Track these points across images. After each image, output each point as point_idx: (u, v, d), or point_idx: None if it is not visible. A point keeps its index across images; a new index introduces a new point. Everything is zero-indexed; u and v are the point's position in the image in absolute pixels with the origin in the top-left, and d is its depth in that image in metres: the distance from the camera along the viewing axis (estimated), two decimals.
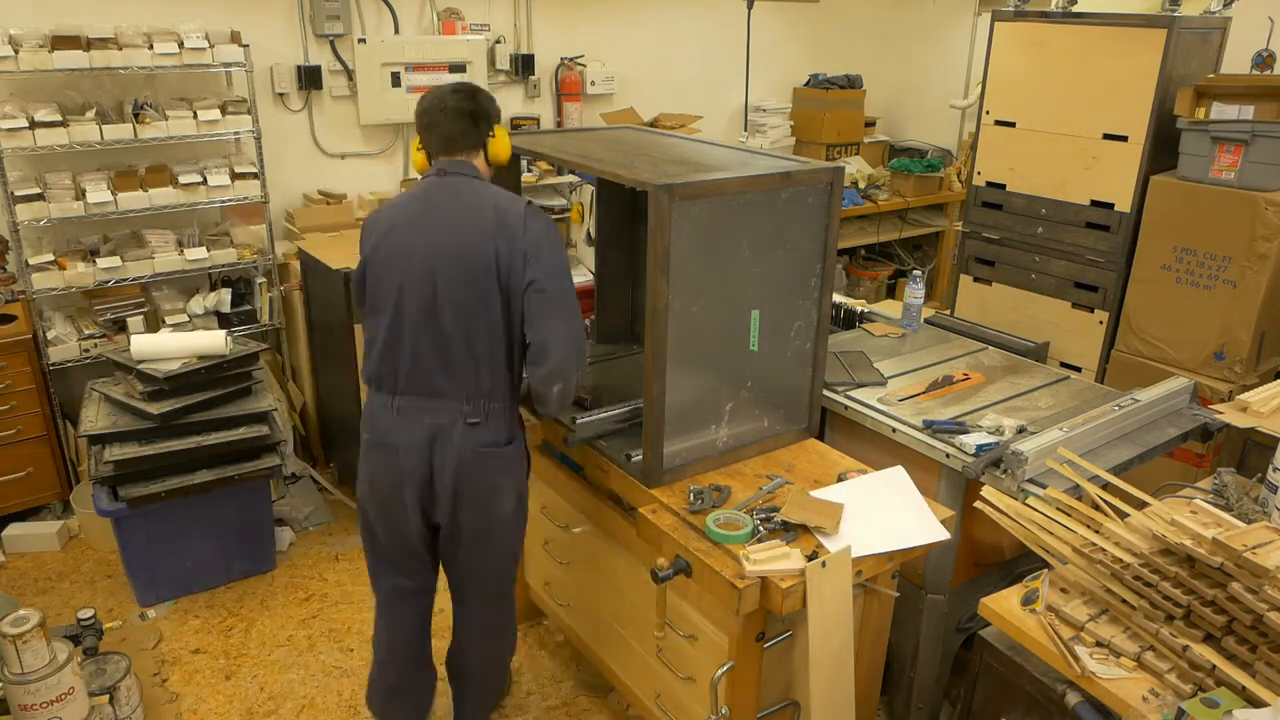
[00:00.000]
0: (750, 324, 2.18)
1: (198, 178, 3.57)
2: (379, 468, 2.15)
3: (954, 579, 2.34)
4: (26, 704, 2.20)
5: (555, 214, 4.42)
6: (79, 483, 3.58)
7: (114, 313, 3.57)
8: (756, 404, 2.27)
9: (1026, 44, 3.61)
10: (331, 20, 3.93)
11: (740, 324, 2.17)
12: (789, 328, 2.27)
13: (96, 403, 3.13)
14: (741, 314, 2.16)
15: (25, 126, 3.20)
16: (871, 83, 5.68)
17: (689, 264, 2.01)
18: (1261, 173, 3.05)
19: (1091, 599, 1.68)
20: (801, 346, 2.31)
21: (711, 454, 2.22)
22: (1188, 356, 3.29)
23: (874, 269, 5.67)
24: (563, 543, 2.64)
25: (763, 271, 2.16)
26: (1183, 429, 2.40)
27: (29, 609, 2.24)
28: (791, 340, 2.29)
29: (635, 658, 2.41)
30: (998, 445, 2.17)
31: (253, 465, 3.13)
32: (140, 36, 3.33)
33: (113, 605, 3.14)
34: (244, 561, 3.29)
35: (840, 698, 1.93)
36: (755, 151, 2.52)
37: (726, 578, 1.79)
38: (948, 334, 3.05)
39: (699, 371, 2.16)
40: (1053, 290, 3.70)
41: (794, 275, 2.23)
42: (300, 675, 2.84)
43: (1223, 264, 3.16)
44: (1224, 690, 1.44)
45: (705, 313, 2.10)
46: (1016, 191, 3.75)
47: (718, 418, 2.22)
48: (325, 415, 3.98)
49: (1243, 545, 1.48)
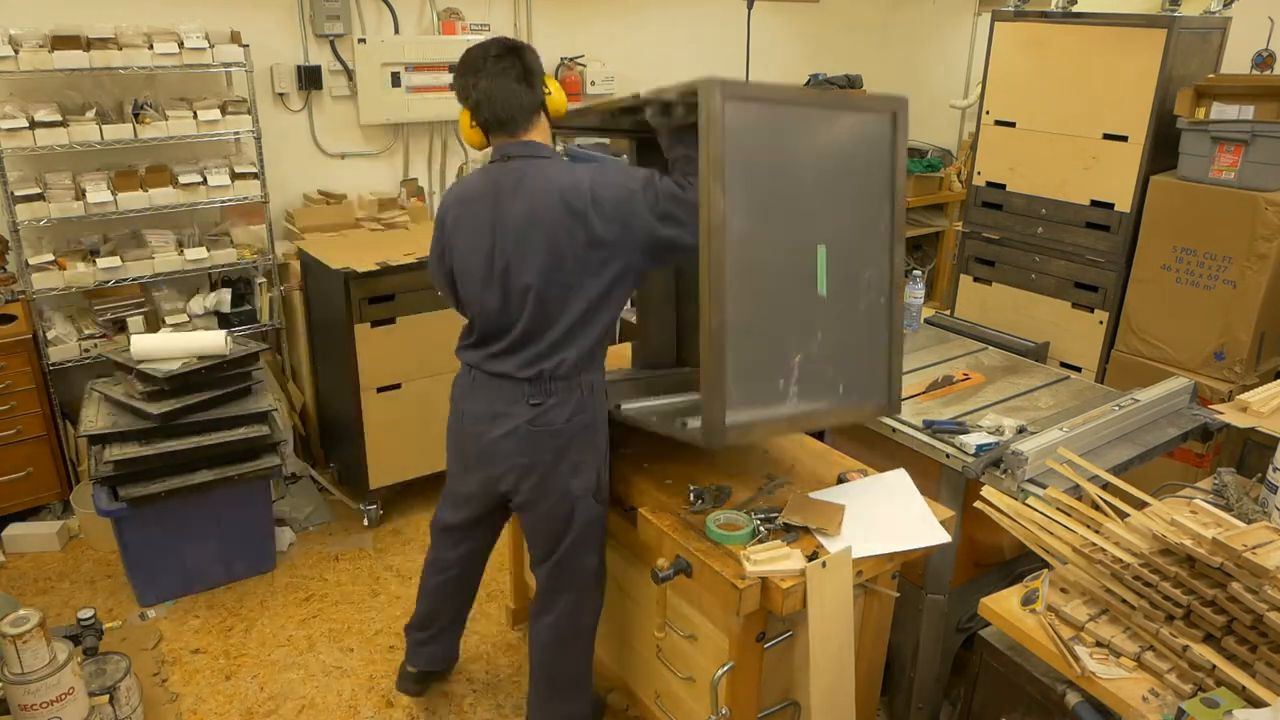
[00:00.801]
0: (817, 261, 1.92)
1: (198, 178, 3.57)
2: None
3: (954, 579, 2.34)
4: (26, 704, 2.20)
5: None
6: (79, 483, 3.58)
7: (114, 313, 3.57)
8: (829, 362, 2.00)
9: (1026, 44, 3.61)
10: (331, 20, 3.92)
11: (806, 260, 1.92)
12: (860, 276, 2.00)
13: (96, 403, 3.13)
14: (806, 248, 1.92)
15: (25, 126, 3.20)
16: (871, 83, 5.66)
17: (744, 177, 1.80)
18: (1261, 173, 3.05)
19: (1091, 599, 1.68)
20: (875, 301, 2.02)
21: (778, 417, 1.95)
22: (1188, 356, 3.29)
23: None
24: None
25: (826, 203, 1.95)
26: (1183, 429, 2.40)
27: (29, 609, 2.24)
28: (864, 292, 2.02)
29: (635, 658, 2.41)
30: (998, 445, 2.17)
31: (253, 465, 3.13)
32: (140, 36, 3.33)
33: (113, 605, 3.14)
34: (244, 561, 3.29)
35: (840, 698, 1.93)
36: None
37: (727, 578, 1.79)
38: (948, 334, 3.05)
39: (761, 311, 1.91)
40: (1053, 290, 3.70)
41: (861, 215, 2.00)
42: (300, 675, 2.84)
43: (1223, 264, 3.16)
44: (1224, 690, 1.44)
45: (766, 238, 1.88)
46: (1016, 191, 3.75)
47: (786, 371, 1.93)
48: (325, 415, 3.98)
49: (1243, 545, 1.48)
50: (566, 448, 2.15)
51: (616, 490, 2.29)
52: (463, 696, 2.76)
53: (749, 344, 1.87)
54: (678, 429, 2.10)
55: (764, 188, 1.88)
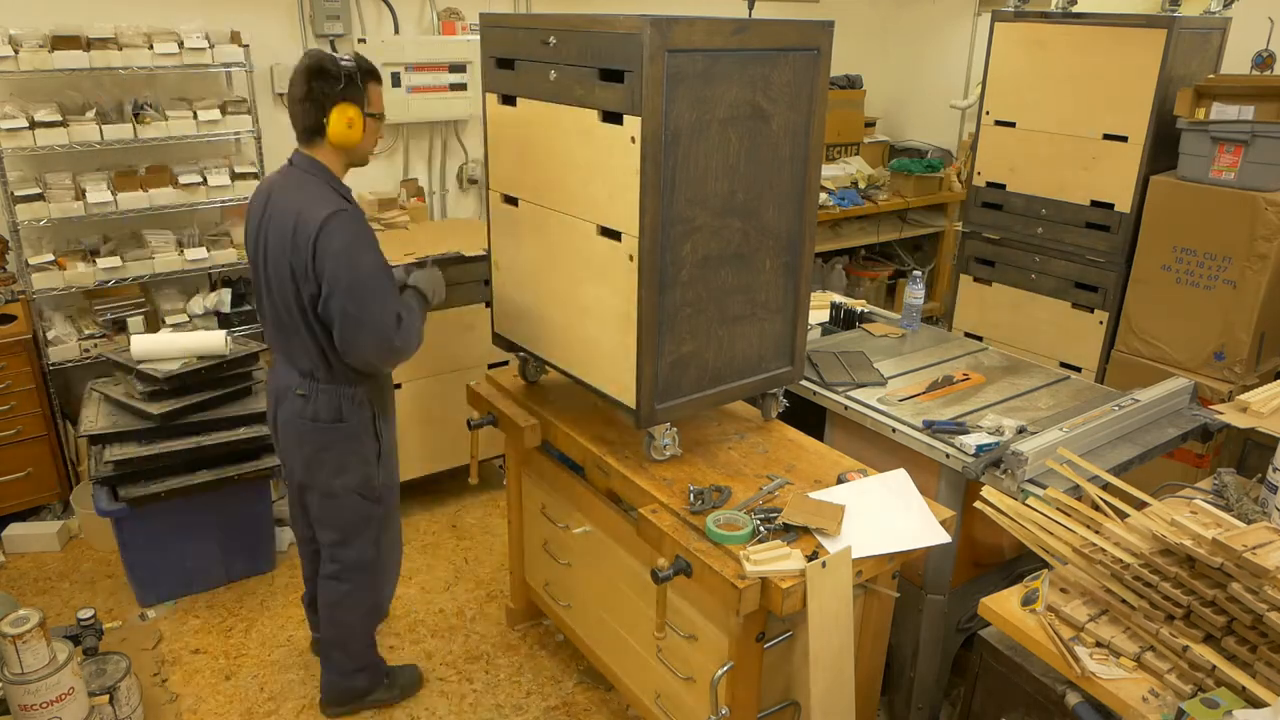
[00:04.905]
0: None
1: (198, 178, 3.57)
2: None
3: (954, 579, 2.34)
4: (26, 704, 2.20)
5: None
6: (79, 483, 3.58)
7: (114, 313, 3.57)
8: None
9: (1026, 44, 3.61)
10: (331, 20, 3.92)
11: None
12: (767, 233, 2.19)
13: (96, 403, 3.13)
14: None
15: (25, 126, 3.20)
16: (871, 83, 5.68)
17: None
18: (1261, 173, 3.05)
19: (1091, 599, 1.68)
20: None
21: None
22: (1188, 357, 3.29)
23: (874, 269, 5.67)
24: (563, 543, 2.64)
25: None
26: (1183, 429, 2.40)
27: (29, 609, 2.24)
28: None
29: (635, 658, 2.41)
30: (998, 445, 2.17)
31: (253, 465, 3.13)
32: (140, 36, 3.33)
33: (113, 605, 3.14)
34: (244, 561, 3.29)
35: (840, 698, 1.93)
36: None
37: (727, 578, 1.79)
38: (947, 334, 3.05)
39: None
40: (1053, 290, 3.70)
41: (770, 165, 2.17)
42: (300, 675, 2.84)
43: (1223, 264, 3.16)
44: (1224, 690, 1.44)
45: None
46: (1016, 191, 3.75)
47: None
48: None
49: (1243, 545, 1.48)
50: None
51: (616, 490, 2.29)
52: (463, 696, 2.76)
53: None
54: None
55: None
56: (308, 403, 2.32)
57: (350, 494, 2.41)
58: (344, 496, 2.41)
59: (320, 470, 2.38)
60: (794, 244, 2.23)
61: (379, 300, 2.18)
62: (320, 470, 2.38)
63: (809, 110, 2.13)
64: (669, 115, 1.90)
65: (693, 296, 2.09)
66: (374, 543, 2.52)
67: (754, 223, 2.13)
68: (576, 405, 2.53)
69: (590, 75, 2.00)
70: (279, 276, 2.22)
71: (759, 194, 2.12)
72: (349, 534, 2.47)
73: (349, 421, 2.35)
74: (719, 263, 2.11)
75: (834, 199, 5.00)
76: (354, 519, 2.46)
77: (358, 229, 2.18)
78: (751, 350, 2.26)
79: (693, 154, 1.97)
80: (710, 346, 2.18)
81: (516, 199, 2.40)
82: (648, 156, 1.90)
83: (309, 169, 2.24)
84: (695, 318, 2.12)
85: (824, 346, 2.86)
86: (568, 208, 2.20)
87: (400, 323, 2.22)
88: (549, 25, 2.09)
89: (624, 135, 1.93)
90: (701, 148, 1.98)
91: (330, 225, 2.12)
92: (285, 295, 2.23)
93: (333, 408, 2.33)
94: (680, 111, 1.91)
